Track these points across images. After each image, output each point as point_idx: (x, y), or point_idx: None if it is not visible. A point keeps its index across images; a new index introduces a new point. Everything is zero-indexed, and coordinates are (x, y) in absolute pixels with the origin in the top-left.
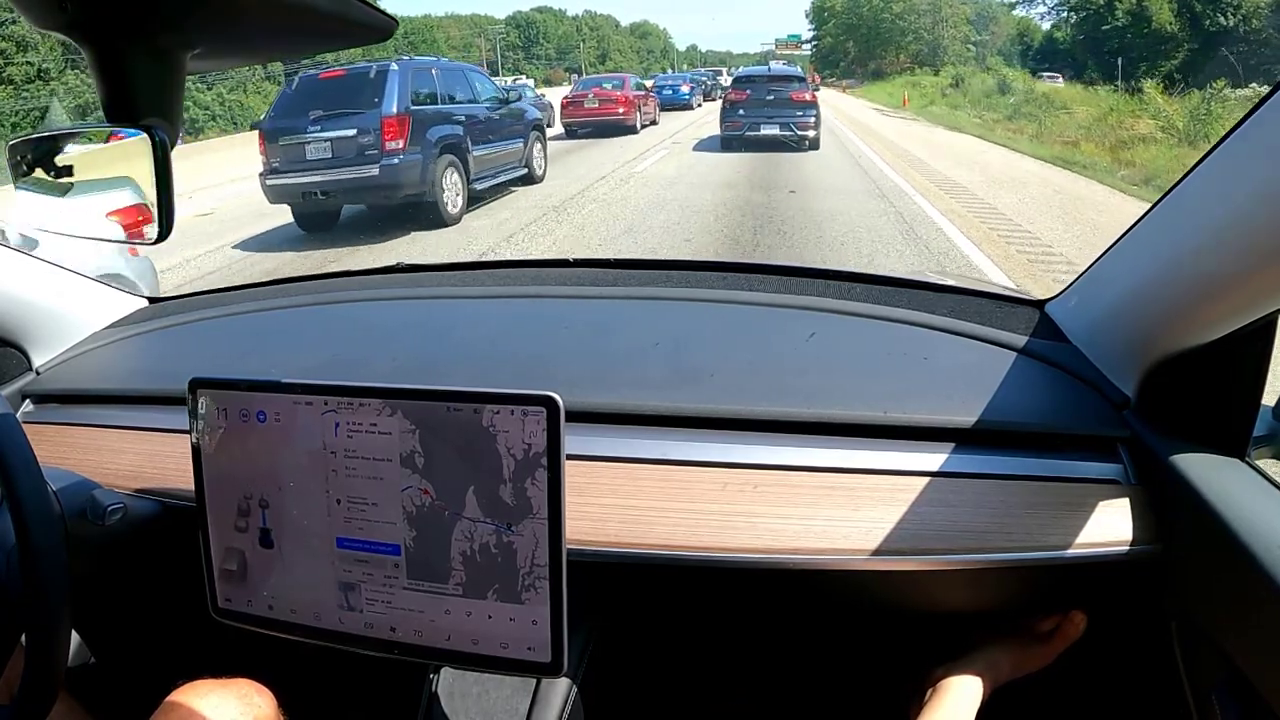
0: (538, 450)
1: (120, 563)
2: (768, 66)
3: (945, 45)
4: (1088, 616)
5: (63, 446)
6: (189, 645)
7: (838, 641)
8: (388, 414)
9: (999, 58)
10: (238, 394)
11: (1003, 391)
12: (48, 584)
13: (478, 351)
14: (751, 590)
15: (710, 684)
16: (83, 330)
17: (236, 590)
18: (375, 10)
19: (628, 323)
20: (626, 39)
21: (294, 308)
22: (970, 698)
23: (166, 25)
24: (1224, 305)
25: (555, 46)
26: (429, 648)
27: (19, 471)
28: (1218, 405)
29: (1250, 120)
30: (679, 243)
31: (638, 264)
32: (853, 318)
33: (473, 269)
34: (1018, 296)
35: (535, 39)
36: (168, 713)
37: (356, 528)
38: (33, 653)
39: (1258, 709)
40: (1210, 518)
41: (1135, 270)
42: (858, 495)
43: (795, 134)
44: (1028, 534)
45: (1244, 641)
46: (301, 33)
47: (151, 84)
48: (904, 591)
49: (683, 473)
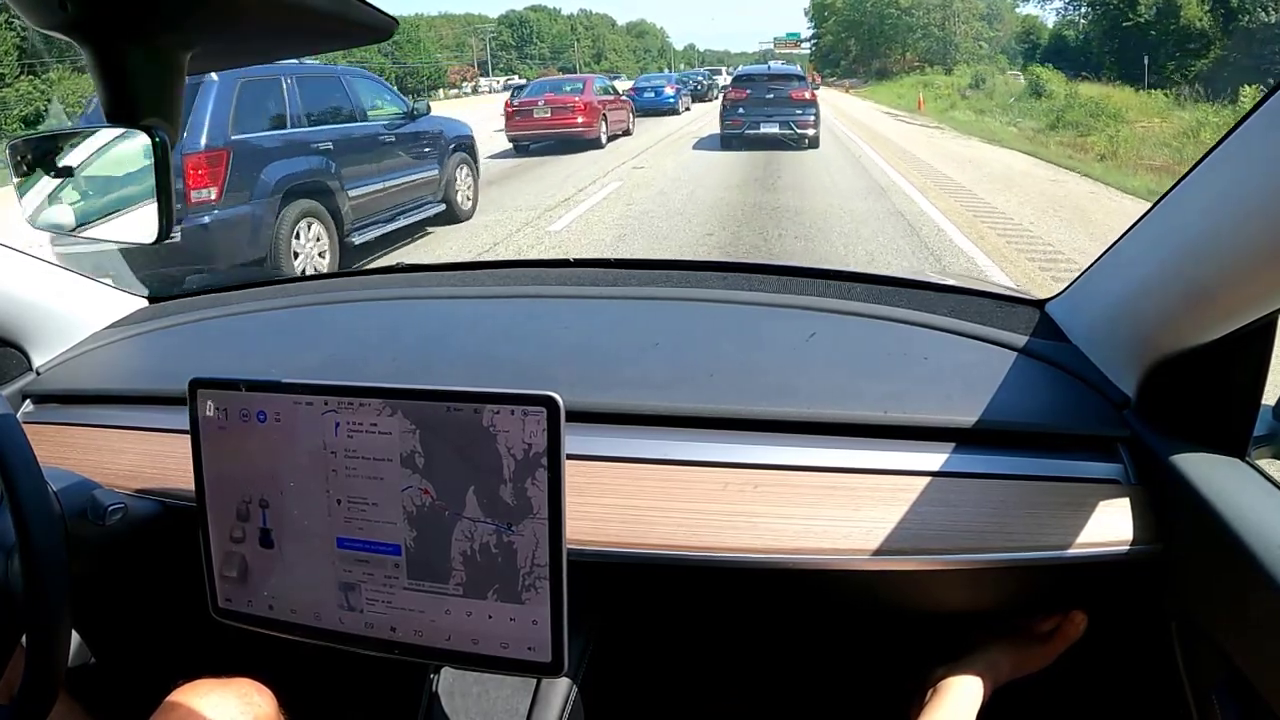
0: (538, 450)
1: (120, 563)
2: (768, 65)
3: (957, 42)
4: (1088, 616)
5: (63, 446)
6: (189, 645)
7: (838, 641)
8: (388, 414)
9: (1003, 56)
10: (238, 394)
11: (1003, 391)
12: (48, 584)
13: (478, 351)
14: (752, 590)
15: (710, 684)
16: (83, 330)
17: (237, 590)
18: (375, 10)
19: (628, 323)
20: (623, 38)
21: (294, 308)
22: (971, 698)
23: (166, 25)
24: (1224, 305)
25: (549, 46)
26: (429, 648)
27: (19, 471)
28: (1218, 405)
29: (1251, 120)
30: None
31: (638, 264)
32: (853, 317)
33: (473, 269)
34: (1018, 296)
35: (529, 38)
36: (168, 712)
37: (357, 528)
38: (33, 653)
39: (1258, 709)
40: (1210, 518)
41: (1136, 270)
42: (858, 495)
43: (795, 132)
44: (1028, 534)
45: (1244, 641)
46: (301, 32)
47: (151, 84)
48: (904, 591)
49: (683, 473)
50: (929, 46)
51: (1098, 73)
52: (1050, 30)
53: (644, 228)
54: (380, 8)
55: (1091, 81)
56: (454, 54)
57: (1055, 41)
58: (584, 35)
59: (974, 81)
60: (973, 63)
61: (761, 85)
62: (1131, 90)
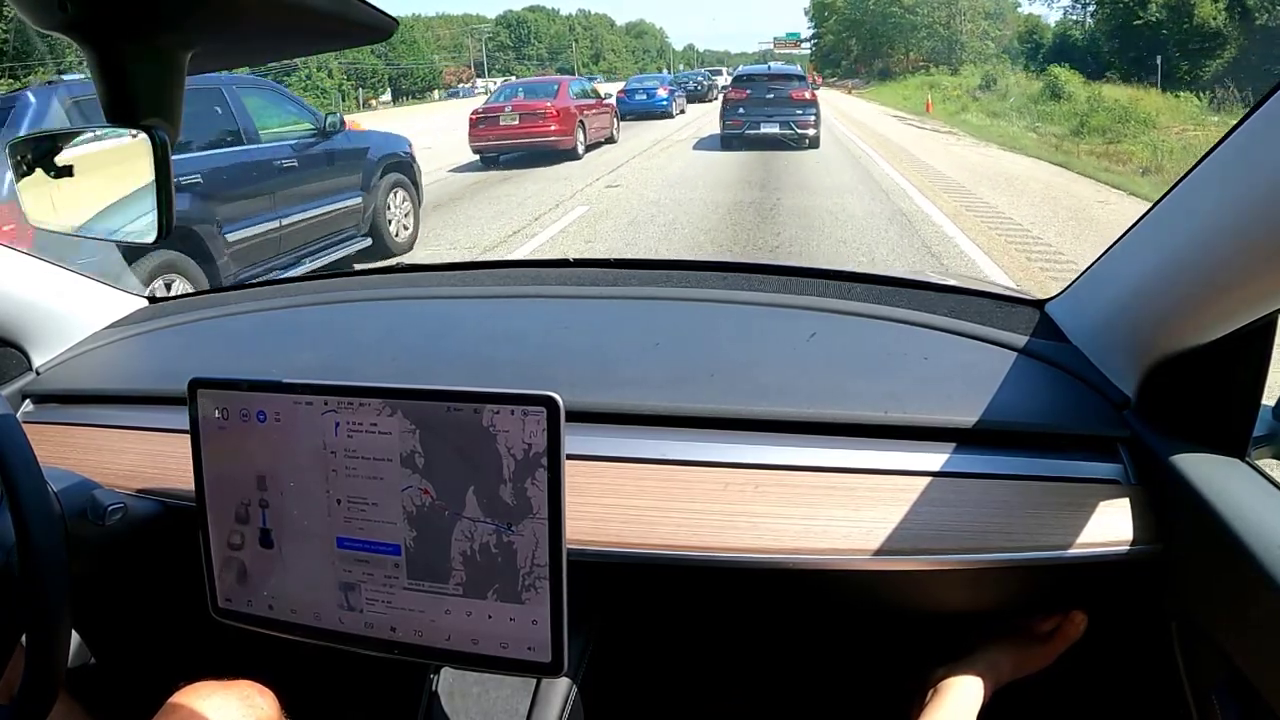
0: (538, 450)
1: (120, 563)
2: (768, 65)
3: (963, 41)
4: (1088, 616)
5: (63, 446)
6: (189, 646)
7: (838, 642)
8: (388, 414)
9: (1005, 56)
10: (238, 394)
11: (1003, 391)
12: (48, 584)
13: (477, 351)
14: (753, 590)
15: (710, 684)
16: (83, 330)
17: (237, 590)
18: (375, 10)
19: (628, 322)
20: (622, 39)
21: (294, 308)
22: (971, 698)
23: (166, 25)
24: (1224, 305)
25: (547, 46)
26: (429, 648)
27: (19, 471)
28: (1218, 405)
29: (1251, 119)
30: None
31: (638, 264)
32: (853, 317)
33: (472, 269)
34: (1018, 296)
35: (526, 39)
36: (170, 714)
37: (357, 528)
38: (33, 653)
39: (1258, 709)
40: (1210, 518)
41: (1136, 270)
42: (859, 495)
43: (795, 132)
44: (1028, 534)
45: (1244, 641)
46: (301, 32)
47: (151, 84)
48: (905, 592)
49: (684, 473)
50: (934, 46)
51: (1104, 73)
52: (1053, 30)
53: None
54: (380, 8)
55: (1114, 83)
56: (450, 55)
57: (1059, 41)
58: (582, 36)
59: (984, 82)
60: (979, 62)
61: (762, 85)
62: (1157, 93)
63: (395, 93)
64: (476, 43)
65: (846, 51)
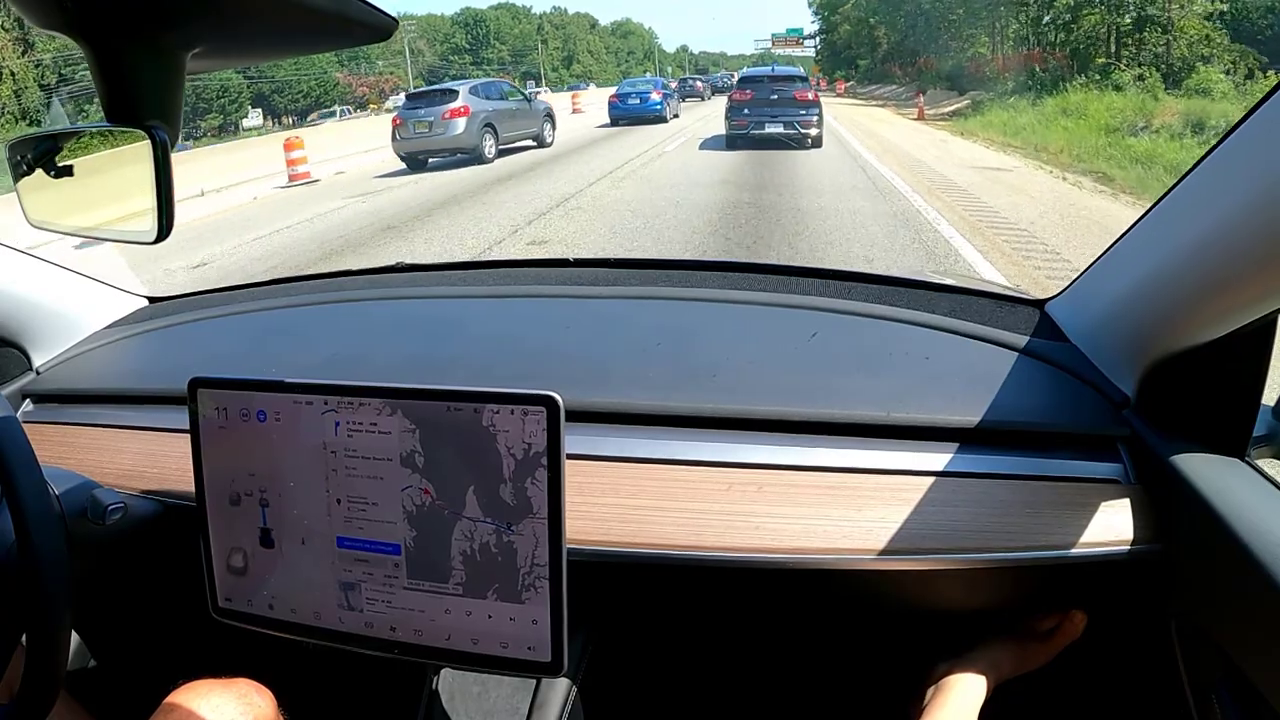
0: (538, 450)
1: (120, 563)
2: (771, 67)
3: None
4: (1088, 615)
5: (63, 446)
6: (189, 645)
7: (840, 641)
8: (388, 413)
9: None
10: (238, 393)
11: (1003, 391)
12: (48, 584)
13: (478, 351)
14: (754, 590)
15: (710, 684)
16: (83, 330)
17: (237, 590)
18: (375, 10)
19: (628, 322)
20: (603, 39)
21: (294, 307)
22: (972, 696)
23: (166, 25)
24: (1223, 305)
25: (510, 49)
26: (429, 647)
27: (19, 471)
28: (1218, 405)
29: (1250, 119)
30: None
31: (638, 264)
32: (854, 317)
33: (472, 269)
34: (1018, 296)
35: (485, 40)
36: (168, 713)
37: (357, 527)
38: (33, 653)
39: (1258, 709)
40: (1210, 517)
41: (1135, 269)
42: (860, 495)
43: (798, 132)
44: (1029, 533)
45: (1244, 640)
46: (301, 32)
47: (151, 84)
48: (906, 591)
49: (685, 472)
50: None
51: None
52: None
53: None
54: (380, 7)
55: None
56: (393, 62)
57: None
58: (553, 36)
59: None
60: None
61: (765, 86)
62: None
63: (271, 112)
64: (431, 46)
65: (873, 45)
